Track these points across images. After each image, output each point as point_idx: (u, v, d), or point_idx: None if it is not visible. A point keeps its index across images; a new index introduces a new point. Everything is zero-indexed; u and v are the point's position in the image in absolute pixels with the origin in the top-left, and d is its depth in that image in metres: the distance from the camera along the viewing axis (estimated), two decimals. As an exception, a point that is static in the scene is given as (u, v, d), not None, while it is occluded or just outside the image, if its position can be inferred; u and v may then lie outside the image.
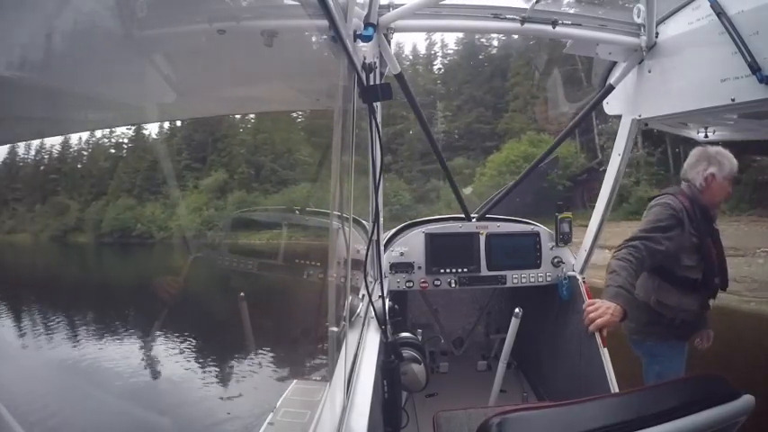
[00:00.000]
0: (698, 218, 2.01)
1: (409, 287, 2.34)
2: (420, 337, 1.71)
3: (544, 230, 2.43)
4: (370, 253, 1.72)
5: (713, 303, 2.13)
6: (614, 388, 1.80)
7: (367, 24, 1.41)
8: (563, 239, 2.36)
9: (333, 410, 1.03)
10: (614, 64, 1.98)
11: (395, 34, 1.72)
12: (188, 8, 0.96)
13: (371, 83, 1.27)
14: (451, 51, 33.70)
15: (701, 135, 2.06)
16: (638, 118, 1.88)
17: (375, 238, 1.66)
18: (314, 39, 1.28)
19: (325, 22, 0.91)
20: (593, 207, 2.19)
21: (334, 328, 1.22)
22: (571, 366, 2.14)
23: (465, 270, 2.35)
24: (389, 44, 1.73)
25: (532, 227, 2.45)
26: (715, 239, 2.11)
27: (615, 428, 0.89)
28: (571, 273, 2.26)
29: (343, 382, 1.11)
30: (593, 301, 1.85)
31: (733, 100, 1.39)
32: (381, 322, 1.50)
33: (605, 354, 1.87)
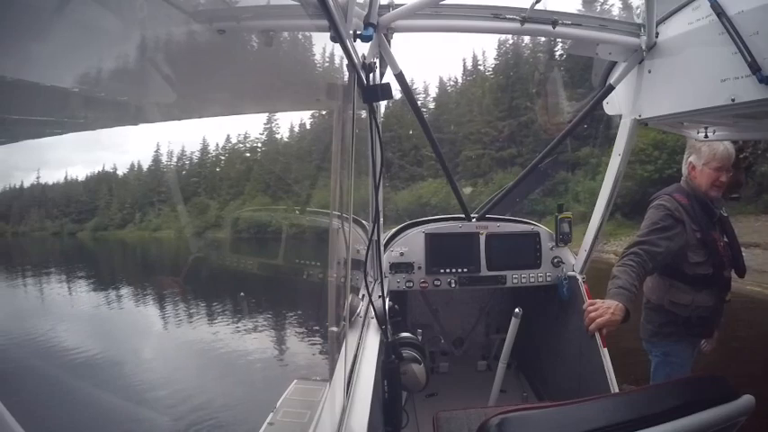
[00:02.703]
0: (697, 212, 1.99)
1: (409, 287, 2.34)
2: (420, 337, 1.71)
3: (544, 230, 2.43)
4: (370, 253, 1.72)
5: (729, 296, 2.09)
6: (614, 388, 1.80)
7: (367, 24, 1.41)
8: (563, 239, 2.36)
9: (333, 410, 1.03)
10: (614, 64, 1.98)
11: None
12: (188, 8, 0.96)
13: (371, 83, 1.27)
14: (572, 35, 33.03)
15: (701, 135, 2.06)
16: (638, 118, 1.88)
17: (375, 238, 1.66)
18: (314, 39, 1.28)
19: (325, 22, 0.91)
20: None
21: (334, 328, 1.22)
22: (571, 366, 2.14)
23: (465, 270, 2.35)
24: (389, 44, 1.73)
25: (532, 227, 2.45)
26: (725, 228, 2.08)
27: (615, 428, 0.89)
28: (571, 273, 2.26)
29: (343, 382, 1.11)
30: (594, 301, 1.85)
31: (733, 100, 1.39)
32: (381, 322, 1.50)
33: (605, 354, 1.87)
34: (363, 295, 1.69)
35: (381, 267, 1.95)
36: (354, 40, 1.22)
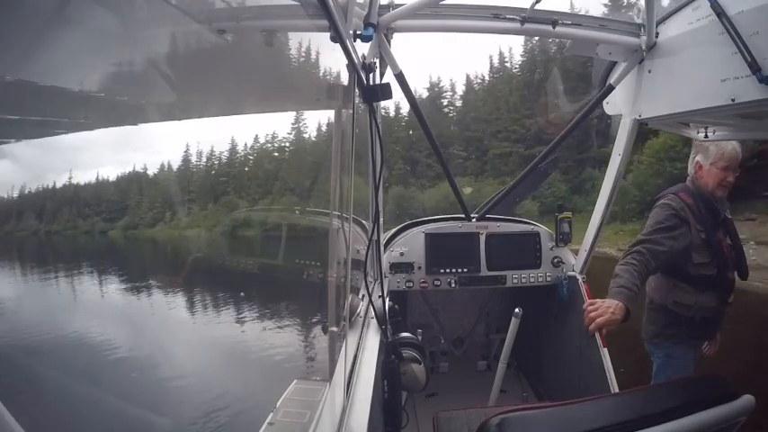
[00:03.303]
0: (702, 212, 1.98)
1: (409, 287, 2.34)
2: (420, 337, 1.71)
3: (544, 230, 2.43)
4: (370, 253, 1.72)
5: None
6: (614, 388, 1.80)
7: (367, 24, 1.41)
8: (563, 239, 2.37)
9: (333, 410, 1.03)
10: (614, 64, 1.98)
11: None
12: (188, 8, 0.96)
13: (371, 83, 1.27)
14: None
15: (701, 135, 2.06)
16: (638, 118, 1.88)
17: (375, 238, 1.66)
18: (314, 39, 1.28)
19: (325, 22, 0.91)
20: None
21: (334, 328, 1.22)
22: (571, 366, 2.14)
23: (465, 270, 2.35)
24: (389, 44, 1.73)
25: (532, 227, 2.45)
26: (728, 230, 2.07)
27: (615, 428, 0.89)
28: (571, 273, 2.26)
29: (343, 382, 1.11)
30: (594, 300, 1.85)
31: (733, 100, 1.39)
32: (381, 322, 1.50)
33: (605, 354, 1.87)
34: (363, 295, 1.69)
35: (381, 267, 1.95)
36: (354, 40, 1.22)
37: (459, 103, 39.37)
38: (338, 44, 1.01)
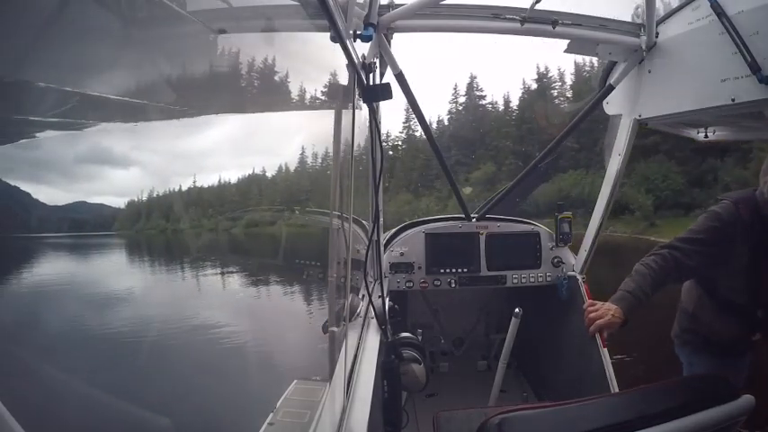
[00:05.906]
0: (755, 232, 1.60)
1: (409, 287, 2.34)
2: (420, 337, 1.71)
3: (544, 231, 2.43)
4: (370, 253, 1.72)
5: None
6: (614, 388, 1.80)
7: (367, 24, 1.41)
8: (563, 239, 2.36)
9: (333, 410, 1.03)
10: (614, 64, 1.98)
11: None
12: (188, 8, 0.97)
13: (371, 83, 1.27)
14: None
15: (701, 135, 2.06)
16: (638, 118, 1.88)
17: (375, 238, 1.66)
18: (314, 39, 1.28)
19: (325, 22, 0.92)
20: None
21: (335, 328, 1.22)
22: (571, 366, 2.14)
23: (465, 270, 2.35)
24: (389, 44, 1.73)
25: (532, 227, 2.45)
26: None
27: (615, 428, 0.89)
28: (571, 273, 2.26)
29: (343, 382, 1.11)
30: (594, 302, 1.83)
31: (733, 100, 1.40)
32: (381, 322, 1.50)
33: (605, 354, 1.87)
34: (363, 295, 1.69)
35: (381, 267, 1.95)
36: (354, 40, 1.22)
37: (569, 94, 36.82)
38: (338, 44, 1.01)
